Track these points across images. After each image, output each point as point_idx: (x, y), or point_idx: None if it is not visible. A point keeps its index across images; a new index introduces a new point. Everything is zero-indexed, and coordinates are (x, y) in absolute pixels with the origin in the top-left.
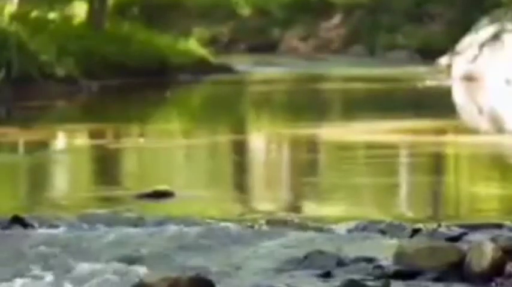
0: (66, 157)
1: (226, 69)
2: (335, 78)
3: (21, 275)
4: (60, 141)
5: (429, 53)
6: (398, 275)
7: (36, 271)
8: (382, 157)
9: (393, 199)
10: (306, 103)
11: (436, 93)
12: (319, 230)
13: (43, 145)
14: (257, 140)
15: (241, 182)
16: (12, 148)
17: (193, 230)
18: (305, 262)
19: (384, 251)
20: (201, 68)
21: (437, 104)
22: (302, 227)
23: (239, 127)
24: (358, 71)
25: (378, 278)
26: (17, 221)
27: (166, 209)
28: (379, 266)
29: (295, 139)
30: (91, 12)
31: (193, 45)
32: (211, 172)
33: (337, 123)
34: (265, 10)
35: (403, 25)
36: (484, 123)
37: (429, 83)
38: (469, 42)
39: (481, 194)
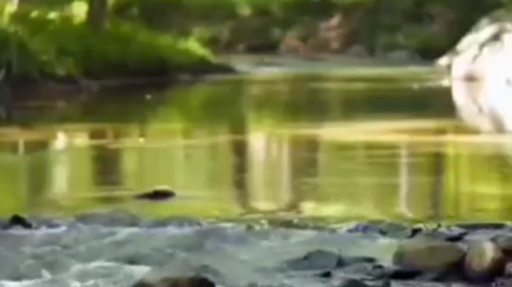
0: (66, 156)
1: (226, 69)
2: (335, 78)
3: (21, 275)
4: (60, 141)
5: (429, 53)
6: (398, 275)
7: (36, 271)
8: (382, 157)
9: (393, 199)
10: (306, 103)
11: (436, 93)
12: (319, 230)
13: (43, 145)
14: (257, 140)
15: (241, 182)
16: (12, 148)
17: (193, 230)
18: (305, 262)
19: (384, 251)
20: (201, 68)
21: (437, 104)
22: (302, 227)
23: (239, 127)
24: (358, 71)
25: (378, 278)
26: (17, 221)
27: (166, 209)
28: (379, 266)
29: (295, 139)
30: (91, 12)
31: (193, 45)
32: (211, 172)
33: (337, 123)
34: (265, 10)
35: (403, 25)
36: (484, 123)
37: (429, 83)
38: (469, 42)
39: (481, 194)
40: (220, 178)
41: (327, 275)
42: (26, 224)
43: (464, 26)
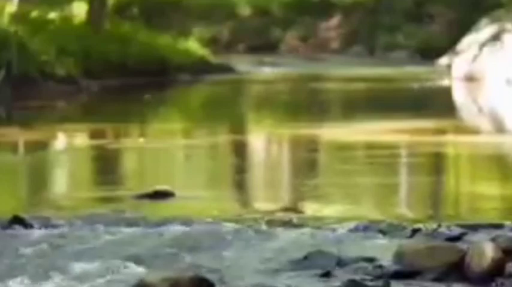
0: (66, 156)
1: (226, 69)
2: (335, 78)
3: (21, 276)
4: (60, 141)
5: (429, 53)
6: (398, 275)
7: (36, 271)
8: (382, 157)
9: (393, 199)
10: (306, 103)
11: (436, 93)
12: (319, 230)
13: (43, 145)
14: (257, 140)
15: (241, 182)
16: (12, 148)
17: (193, 230)
18: (305, 262)
19: (384, 251)
20: (201, 68)
21: (437, 104)
22: (302, 227)
23: (239, 127)
24: (358, 71)
25: (377, 278)
26: (17, 221)
27: (166, 209)
28: (379, 266)
29: (295, 139)
30: (91, 12)
31: (193, 45)
32: (211, 172)
33: (337, 123)
34: (265, 10)
35: (403, 25)
36: (484, 123)
37: (429, 83)
38: (469, 42)
39: (481, 194)
40: (220, 178)
41: (326, 275)
42: (26, 224)
43: (464, 26)
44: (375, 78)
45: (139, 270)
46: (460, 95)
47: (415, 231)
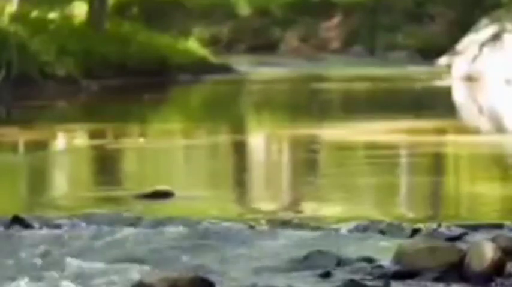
0: (66, 157)
1: (226, 69)
2: (335, 78)
3: (21, 276)
4: (60, 141)
5: (429, 53)
6: (398, 275)
7: (36, 271)
8: (382, 157)
9: (393, 199)
10: (306, 103)
11: (436, 93)
12: (319, 230)
13: (43, 145)
14: (257, 140)
15: (241, 182)
16: (12, 148)
17: (193, 230)
18: (305, 262)
19: (384, 251)
20: (201, 68)
21: (437, 104)
22: (302, 227)
23: (239, 127)
24: (358, 71)
25: (378, 278)
26: (17, 221)
27: (166, 209)
28: (379, 266)
29: (295, 139)
30: (91, 12)
31: (193, 45)
32: (211, 172)
33: (337, 123)
34: (265, 10)
35: (403, 25)
36: (484, 123)
37: (429, 83)
38: (469, 42)
39: (481, 194)
40: (220, 178)
41: (326, 275)
42: (26, 224)
43: (464, 26)
44: (375, 78)
45: (139, 270)
46: (460, 95)
47: (415, 231)
